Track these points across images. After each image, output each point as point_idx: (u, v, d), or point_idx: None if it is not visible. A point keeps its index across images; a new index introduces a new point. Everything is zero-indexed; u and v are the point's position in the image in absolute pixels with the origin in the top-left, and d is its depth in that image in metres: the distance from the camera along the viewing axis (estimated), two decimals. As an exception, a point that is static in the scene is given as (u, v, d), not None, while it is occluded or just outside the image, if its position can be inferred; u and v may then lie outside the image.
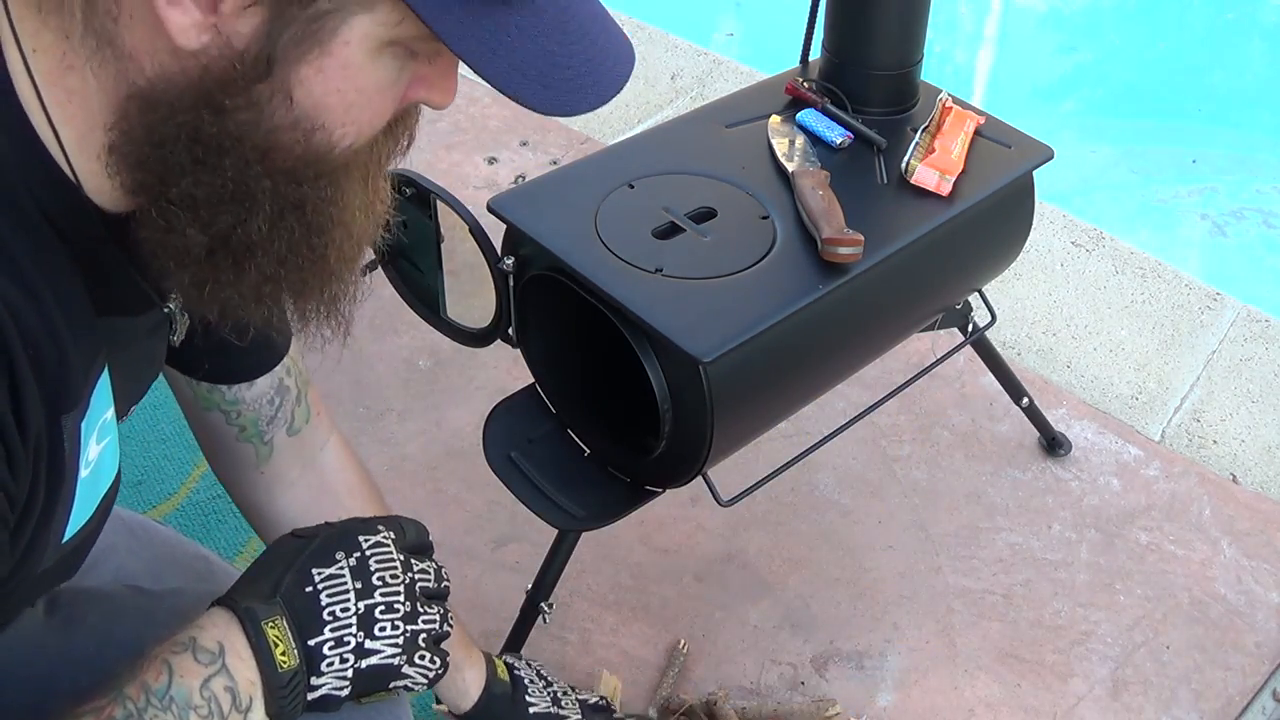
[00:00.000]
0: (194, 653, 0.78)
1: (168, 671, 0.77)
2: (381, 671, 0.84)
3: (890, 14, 1.44)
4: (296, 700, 0.81)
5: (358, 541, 0.86)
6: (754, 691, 1.55)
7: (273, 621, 0.80)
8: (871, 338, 1.45)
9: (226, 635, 0.80)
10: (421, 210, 1.31)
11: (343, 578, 0.84)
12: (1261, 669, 1.61)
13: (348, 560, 0.85)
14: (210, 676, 0.78)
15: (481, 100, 2.63)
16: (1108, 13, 3.82)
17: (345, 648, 0.82)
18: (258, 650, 0.79)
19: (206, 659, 0.78)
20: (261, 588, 0.83)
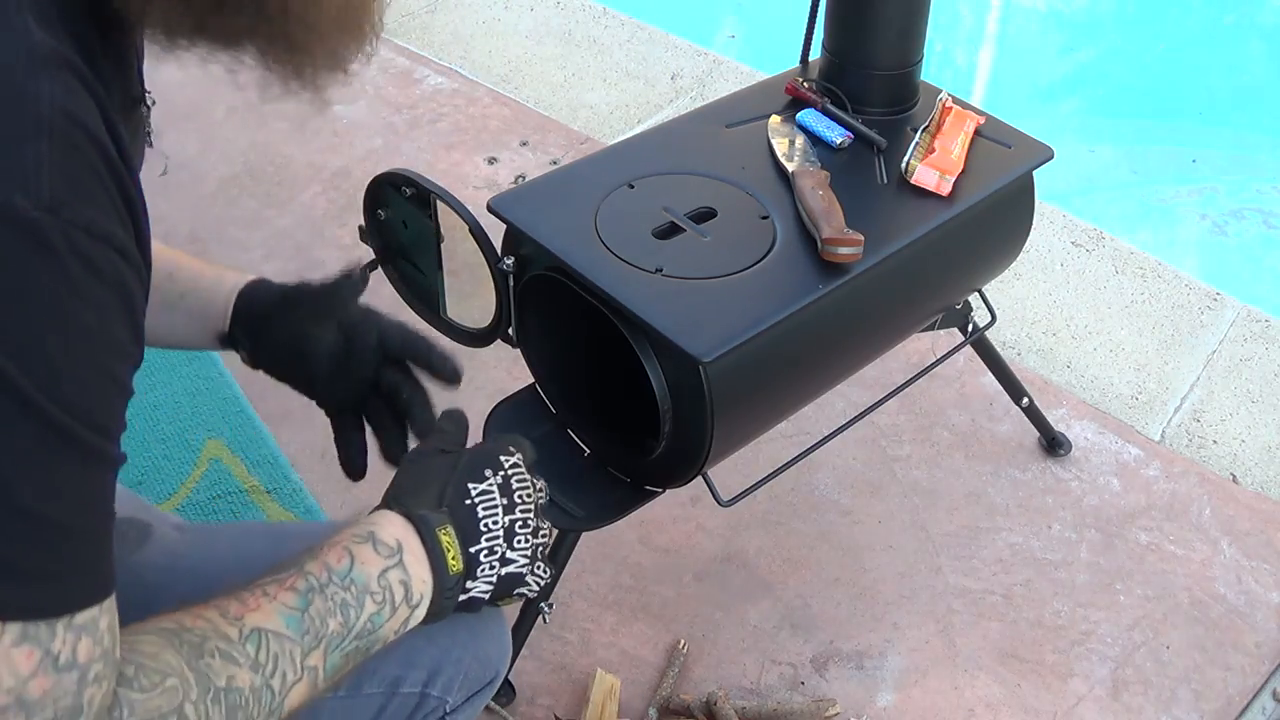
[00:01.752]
0: (374, 545, 0.85)
1: (349, 557, 0.83)
2: (514, 578, 0.93)
3: (890, 14, 1.44)
4: (454, 600, 0.89)
5: (499, 461, 0.95)
6: (754, 691, 1.55)
7: (444, 528, 0.88)
8: (871, 338, 1.45)
9: (404, 535, 0.87)
10: (421, 210, 1.31)
11: (492, 494, 0.93)
12: (1261, 669, 1.61)
13: (494, 478, 0.94)
14: (388, 569, 0.85)
15: (482, 100, 2.63)
16: (1108, 13, 3.82)
17: (495, 556, 0.91)
18: (432, 553, 0.87)
19: (385, 552, 0.85)
20: (427, 497, 0.90)
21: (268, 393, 1.90)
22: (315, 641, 0.80)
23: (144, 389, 1.88)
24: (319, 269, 2.22)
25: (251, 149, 2.45)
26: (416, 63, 2.75)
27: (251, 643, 0.77)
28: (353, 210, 2.26)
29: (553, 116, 2.60)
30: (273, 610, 0.79)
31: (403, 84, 2.67)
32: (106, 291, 0.65)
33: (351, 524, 0.87)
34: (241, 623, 0.77)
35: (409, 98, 2.63)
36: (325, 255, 2.20)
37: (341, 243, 2.22)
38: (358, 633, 0.83)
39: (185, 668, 0.73)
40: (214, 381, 1.92)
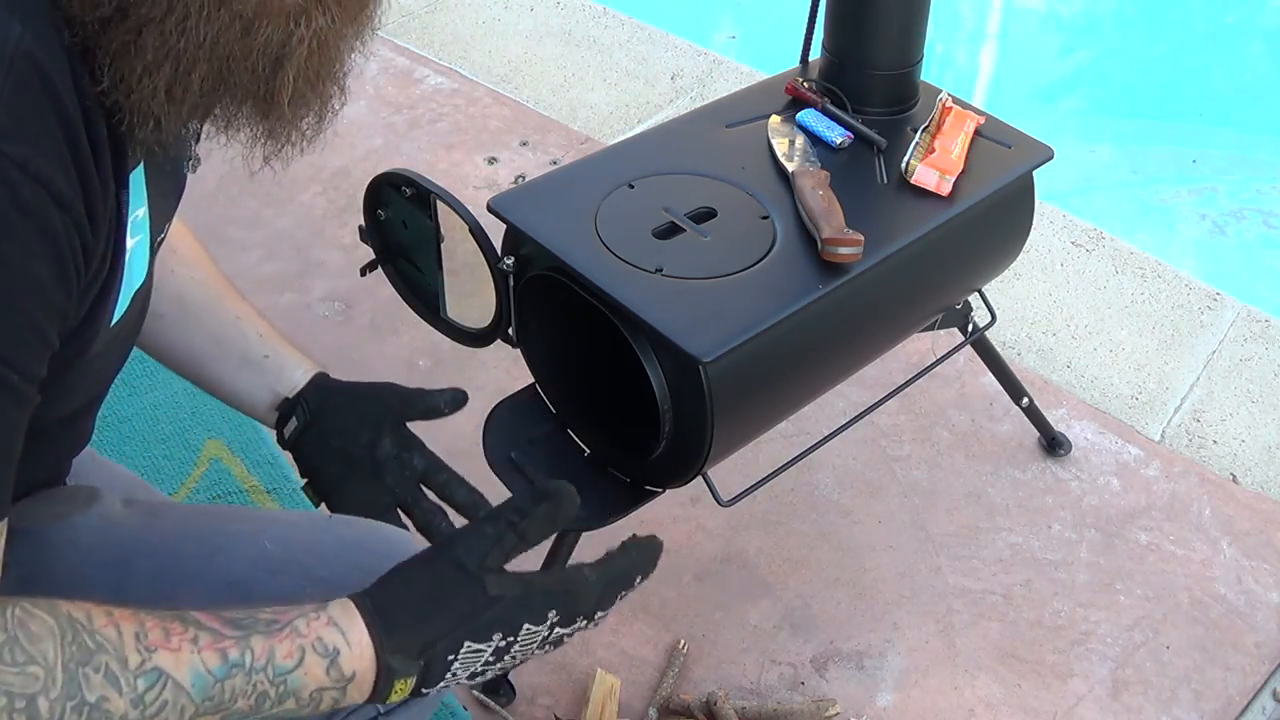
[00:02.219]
0: (329, 666, 0.79)
1: (299, 659, 0.78)
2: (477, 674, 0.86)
3: (890, 14, 1.44)
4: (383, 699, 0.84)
5: (517, 625, 0.85)
6: (754, 691, 1.55)
7: (404, 682, 0.82)
8: (871, 338, 1.45)
9: (363, 671, 0.80)
10: (421, 210, 1.31)
11: (484, 655, 0.84)
12: (1261, 669, 1.61)
13: (499, 642, 0.84)
14: (326, 689, 0.79)
15: (481, 100, 2.63)
16: (1108, 13, 3.82)
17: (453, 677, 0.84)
18: (377, 694, 0.81)
19: (335, 677, 0.80)
20: (412, 642, 0.82)
21: (268, 393, 1.91)
22: (213, 709, 0.75)
23: (144, 389, 1.89)
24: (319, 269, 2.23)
25: (251, 149, 2.44)
26: (416, 63, 2.75)
27: (145, 680, 0.73)
28: (353, 210, 2.26)
29: (553, 116, 2.60)
30: (187, 662, 0.74)
31: (403, 84, 2.67)
32: (31, 230, 0.65)
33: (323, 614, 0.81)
34: (149, 655, 0.73)
35: (409, 98, 2.63)
36: (325, 255, 2.20)
37: (341, 243, 2.22)
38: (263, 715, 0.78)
39: (58, 666, 0.70)
40: (214, 381, 1.92)
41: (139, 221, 0.79)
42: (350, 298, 2.10)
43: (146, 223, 0.81)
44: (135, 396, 1.87)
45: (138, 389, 1.89)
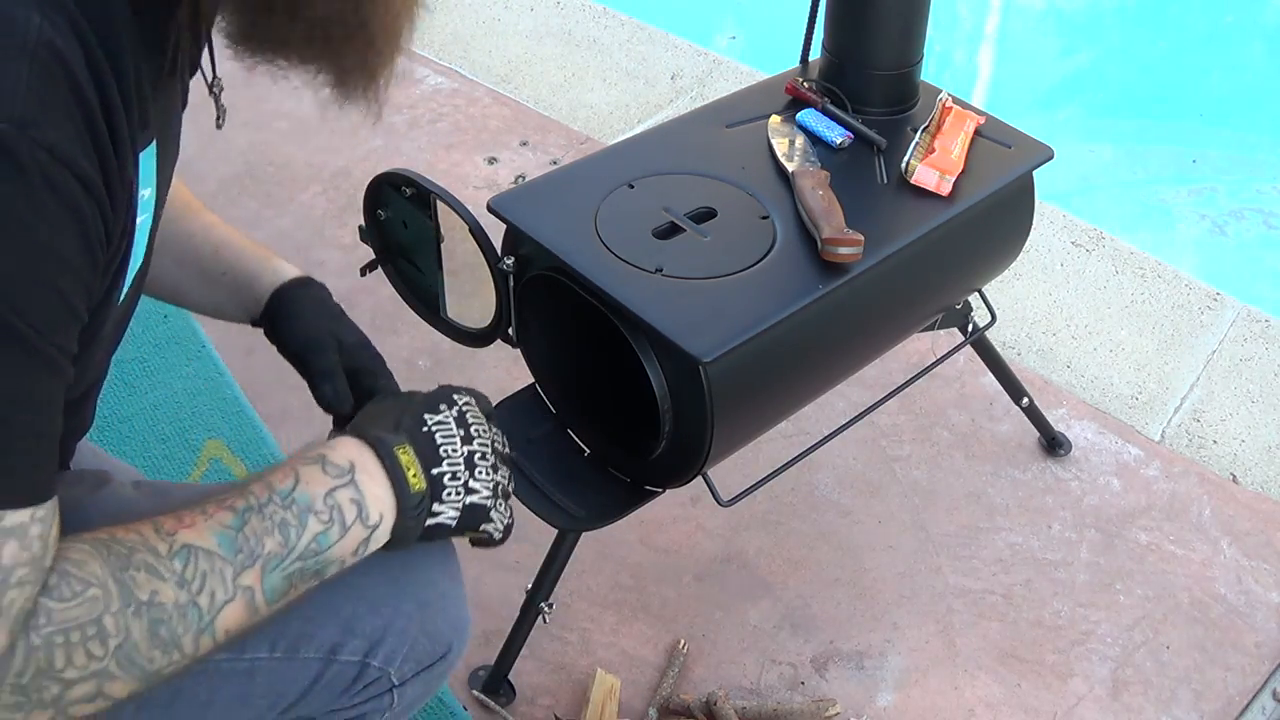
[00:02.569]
0: (323, 466, 0.84)
1: (294, 477, 0.83)
2: (479, 510, 0.93)
3: (890, 14, 1.44)
4: (419, 523, 0.89)
5: (453, 399, 0.96)
6: (754, 691, 1.55)
7: (402, 448, 0.88)
8: (871, 338, 1.45)
9: (358, 456, 0.86)
10: (421, 210, 1.31)
11: (449, 424, 0.93)
12: (1261, 669, 1.61)
13: (450, 411, 0.94)
14: (336, 488, 0.83)
15: (482, 100, 2.63)
16: (1108, 13, 3.82)
17: (458, 482, 0.91)
18: (391, 471, 0.86)
19: (335, 473, 0.84)
20: (384, 424, 0.90)
21: (268, 393, 1.91)
22: (250, 561, 0.79)
23: (144, 389, 1.89)
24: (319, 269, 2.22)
25: (251, 149, 2.45)
26: (416, 63, 2.75)
27: (179, 558, 0.76)
28: (353, 210, 2.26)
29: (553, 116, 2.60)
30: (206, 528, 0.78)
31: (403, 84, 2.67)
32: (63, 211, 0.67)
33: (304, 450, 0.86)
34: (173, 538, 0.76)
35: (409, 98, 2.63)
36: (325, 255, 2.20)
37: (341, 243, 2.22)
38: (300, 553, 0.81)
39: (110, 579, 0.73)
40: (214, 381, 1.92)
41: (145, 201, 0.80)
42: (350, 298, 2.09)
43: (152, 203, 0.82)
44: (135, 396, 1.87)
45: (138, 389, 1.89)
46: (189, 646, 0.76)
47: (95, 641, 0.72)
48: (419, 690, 1.01)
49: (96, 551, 0.74)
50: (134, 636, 0.73)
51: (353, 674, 0.95)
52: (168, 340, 1.97)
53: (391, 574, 0.95)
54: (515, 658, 1.48)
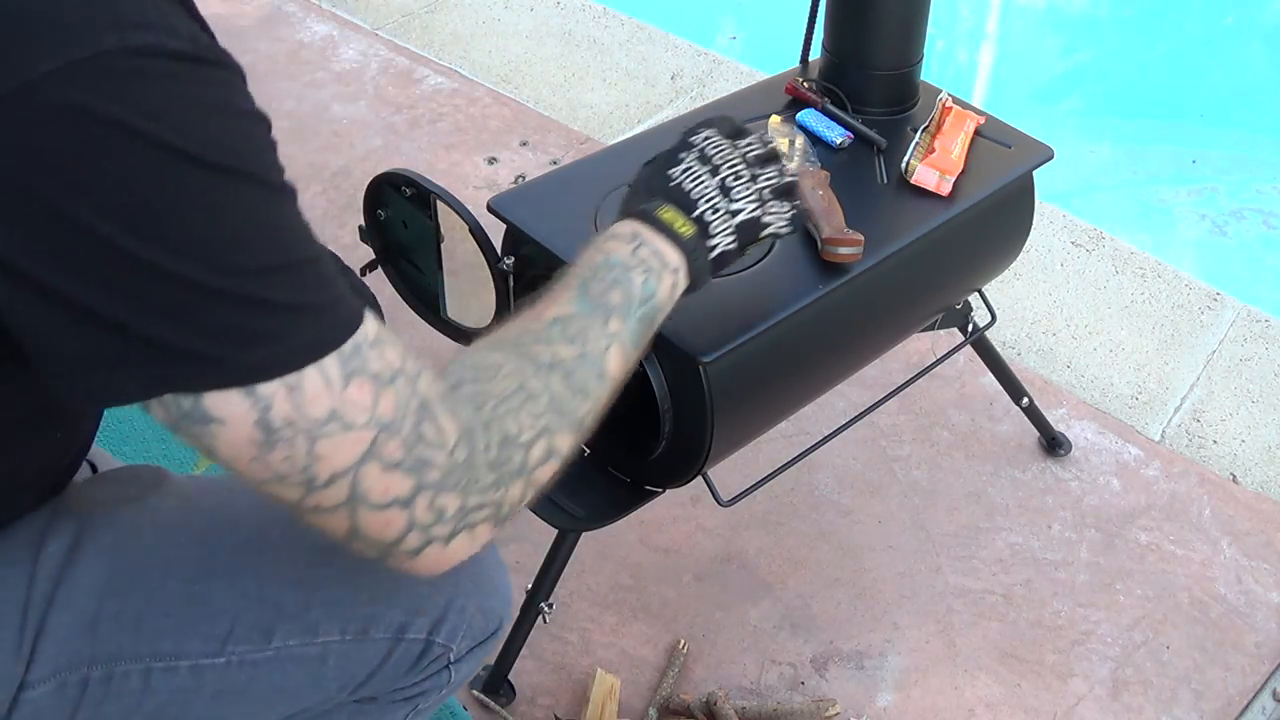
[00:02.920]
0: (613, 239, 0.97)
1: (602, 251, 0.95)
2: (751, 223, 1.04)
3: (890, 14, 1.44)
4: (705, 257, 1.00)
5: (689, 142, 1.07)
6: (754, 691, 1.55)
7: (660, 208, 0.99)
8: (871, 338, 1.45)
9: (634, 228, 0.98)
10: (421, 210, 1.31)
11: (693, 167, 1.04)
12: (1261, 669, 1.61)
13: (690, 155, 1.05)
14: (636, 247, 0.96)
15: (481, 100, 2.63)
16: (1108, 13, 3.82)
17: (719, 213, 1.02)
18: (661, 228, 0.98)
19: (626, 238, 0.96)
20: (640, 198, 1.02)
21: (268, 393, 1.91)
22: (607, 313, 0.90)
23: (144, 389, 1.88)
24: (319, 269, 2.17)
25: (251, 149, 2.45)
26: (416, 63, 2.75)
27: (556, 327, 0.87)
28: (353, 210, 2.26)
29: (553, 116, 2.60)
30: (563, 302, 0.90)
31: (403, 84, 2.67)
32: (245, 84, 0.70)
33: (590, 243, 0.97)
34: (541, 318, 0.88)
35: (409, 98, 2.63)
36: (325, 255, 2.19)
37: (341, 243, 2.22)
38: (640, 299, 0.93)
39: (514, 357, 0.84)
40: (214, 381, 1.92)
41: None
42: (350, 298, 2.10)
43: None
44: (135, 396, 1.87)
45: (138, 389, 1.88)
46: (594, 390, 0.87)
47: (530, 403, 0.81)
48: (471, 666, 1.04)
49: (493, 345, 0.85)
50: (555, 390, 0.83)
51: (418, 651, 0.98)
52: (168, 340, 1.97)
53: None
54: (515, 657, 1.48)
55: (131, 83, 0.62)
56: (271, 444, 0.69)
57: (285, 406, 0.68)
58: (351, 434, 0.70)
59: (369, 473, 0.71)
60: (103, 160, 0.61)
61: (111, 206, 0.62)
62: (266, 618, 0.91)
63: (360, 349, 0.71)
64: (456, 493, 0.75)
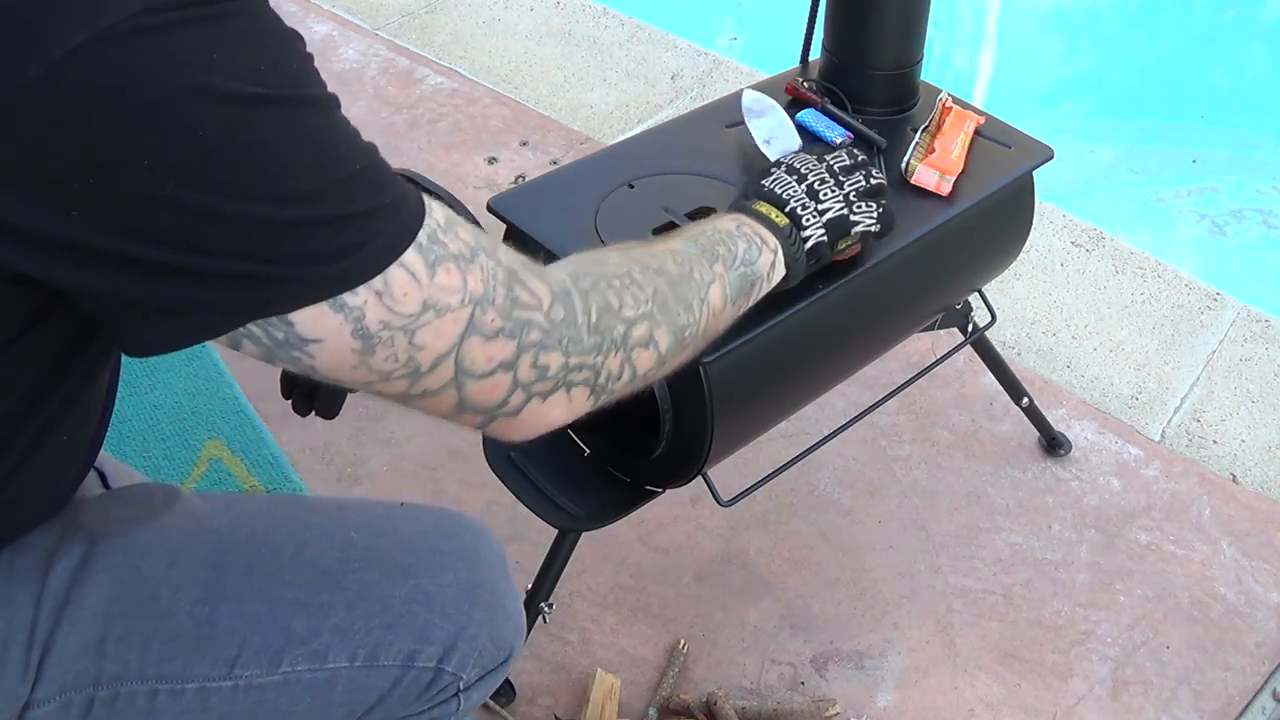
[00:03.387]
0: (717, 219, 1.04)
1: (709, 223, 1.02)
2: (840, 220, 1.11)
3: (890, 14, 1.44)
4: (799, 247, 1.08)
5: (780, 161, 1.16)
6: (754, 691, 1.55)
7: (756, 203, 1.08)
8: (871, 338, 1.44)
9: (734, 215, 1.06)
10: (421, 210, 1.31)
11: (782, 177, 1.12)
12: (1261, 669, 1.61)
13: (779, 169, 1.14)
14: (738, 225, 1.03)
15: (481, 100, 2.63)
16: (1108, 13, 3.82)
17: (809, 209, 1.09)
18: (758, 216, 1.06)
19: (730, 219, 1.04)
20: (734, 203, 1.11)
21: (268, 393, 1.90)
22: (713, 258, 0.96)
23: (144, 389, 1.89)
24: (319, 269, 2.17)
25: (251, 149, 2.45)
26: (416, 63, 2.75)
27: (666, 252, 0.92)
28: (353, 210, 2.26)
29: (553, 116, 2.60)
30: (676, 240, 0.96)
31: (403, 84, 2.67)
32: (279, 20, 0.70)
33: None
34: (650, 244, 0.94)
35: (409, 98, 2.63)
36: (325, 255, 2.19)
37: (341, 243, 2.22)
38: (742, 259, 0.99)
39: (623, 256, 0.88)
40: (214, 381, 1.92)
41: None
42: (350, 298, 2.10)
43: None
44: (135, 396, 1.87)
45: (138, 389, 1.89)
46: (697, 310, 0.91)
47: (634, 288, 0.84)
48: (481, 693, 1.04)
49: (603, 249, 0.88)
50: (661, 289, 0.87)
51: (427, 680, 0.98)
52: (168, 340, 1.97)
53: (461, 584, 0.99)
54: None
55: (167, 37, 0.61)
56: (371, 349, 0.70)
57: (378, 310, 0.69)
58: (448, 317, 0.71)
59: (471, 347, 0.73)
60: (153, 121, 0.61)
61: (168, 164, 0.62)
62: (275, 642, 0.91)
63: (435, 235, 0.72)
64: (559, 351, 0.77)
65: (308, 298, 0.67)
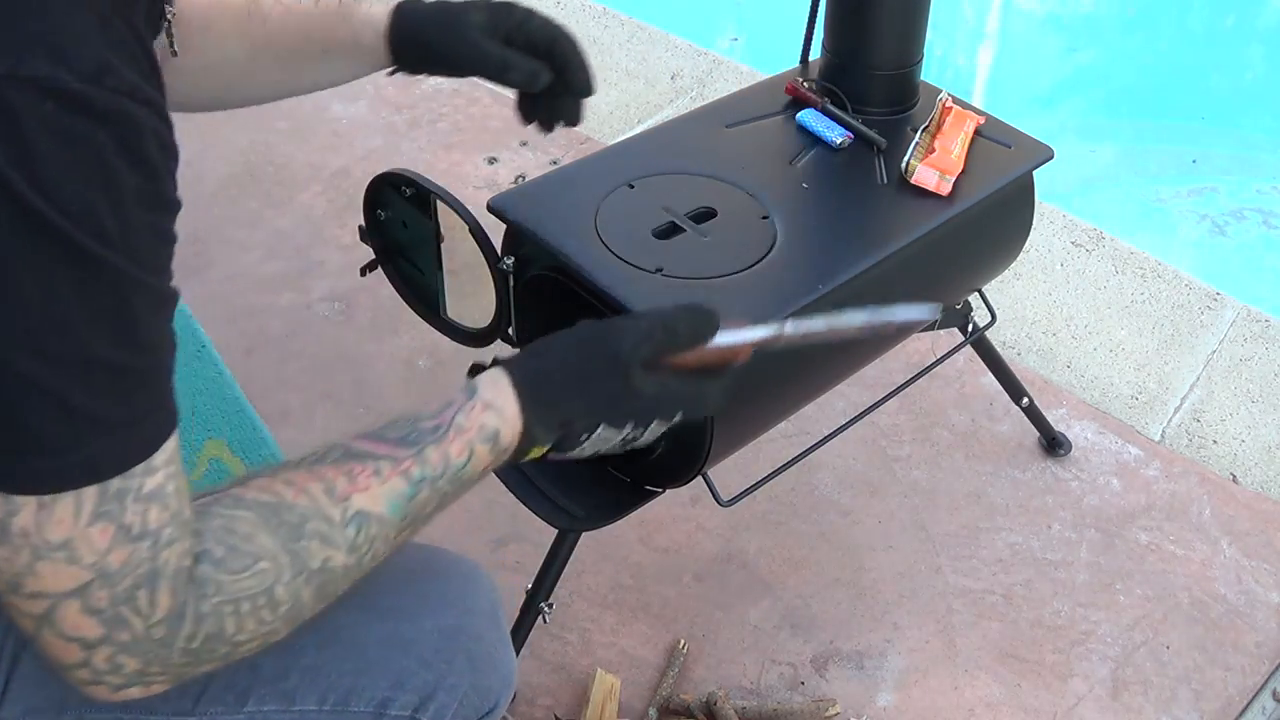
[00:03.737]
0: (492, 447, 0.87)
1: (469, 454, 0.85)
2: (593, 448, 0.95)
3: (890, 14, 1.44)
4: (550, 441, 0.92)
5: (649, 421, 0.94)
6: (754, 691, 1.55)
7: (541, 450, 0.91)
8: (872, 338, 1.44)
9: (512, 437, 0.88)
10: (421, 210, 1.31)
11: (613, 440, 0.93)
12: (1261, 669, 1.61)
13: (629, 431, 0.93)
14: (490, 464, 0.88)
15: (481, 100, 2.63)
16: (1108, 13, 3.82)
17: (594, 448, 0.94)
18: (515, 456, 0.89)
19: (496, 451, 0.87)
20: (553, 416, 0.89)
21: (268, 393, 1.91)
22: (412, 523, 0.83)
23: (144, 389, 1.88)
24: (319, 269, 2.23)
25: (251, 149, 2.45)
26: (416, 63, 2.75)
27: (353, 526, 0.79)
28: (353, 210, 2.26)
29: (553, 116, 2.60)
30: (381, 495, 0.80)
31: (403, 84, 2.67)
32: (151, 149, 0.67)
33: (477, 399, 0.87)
34: (347, 503, 0.79)
35: (409, 98, 2.63)
36: (325, 255, 2.20)
37: (341, 243, 2.22)
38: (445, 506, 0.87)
39: (280, 550, 0.76)
40: (214, 381, 1.92)
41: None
42: (350, 298, 2.11)
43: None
44: (135, 396, 1.87)
45: (138, 389, 1.88)
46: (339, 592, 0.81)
47: (266, 609, 0.75)
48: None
49: (265, 521, 0.76)
50: (303, 599, 0.77)
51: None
52: (168, 340, 1.97)
53: (444, 630, 0.95)
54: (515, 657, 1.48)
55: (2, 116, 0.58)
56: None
57: (28, 520, 0.67)
58: (72, 567, 0.68)
59: (69, 606, 0.69)
60: None
61: None
62: (242, 680, 0.89)
63: (124, 496, 0.69)
64: (139, 659, 0.72)
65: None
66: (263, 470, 0.80)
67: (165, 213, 0.69)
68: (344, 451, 0.81)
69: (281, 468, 0.80)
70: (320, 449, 0.82)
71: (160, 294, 0.69)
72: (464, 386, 0.88)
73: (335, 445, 0.82)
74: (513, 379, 0.88)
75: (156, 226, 0.68)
